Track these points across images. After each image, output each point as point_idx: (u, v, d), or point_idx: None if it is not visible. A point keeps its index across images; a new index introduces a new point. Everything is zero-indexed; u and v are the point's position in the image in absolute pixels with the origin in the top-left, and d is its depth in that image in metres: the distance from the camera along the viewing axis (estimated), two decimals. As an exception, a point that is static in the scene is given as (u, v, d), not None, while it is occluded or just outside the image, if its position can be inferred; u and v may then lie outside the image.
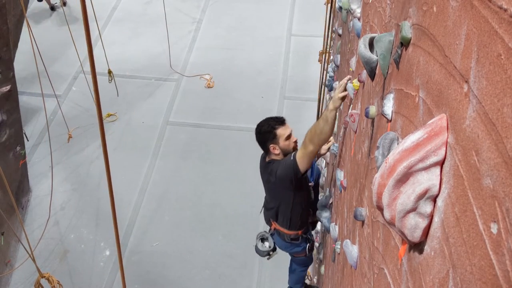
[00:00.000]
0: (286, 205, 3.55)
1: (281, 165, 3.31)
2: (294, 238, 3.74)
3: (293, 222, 3.64)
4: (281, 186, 3.42)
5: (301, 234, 3.73)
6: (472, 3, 0.78)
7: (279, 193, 3.55)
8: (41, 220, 5.90)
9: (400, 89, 1.30)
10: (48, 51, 7.32)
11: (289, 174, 3.22)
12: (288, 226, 3.67)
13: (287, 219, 3.63)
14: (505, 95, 0.64)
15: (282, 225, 3.71)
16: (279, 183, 3.38)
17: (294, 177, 3.22)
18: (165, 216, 6.19)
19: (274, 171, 3.36)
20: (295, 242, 3.77)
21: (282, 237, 3.79)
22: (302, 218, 3.65)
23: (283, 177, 3.30)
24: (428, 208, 0.92)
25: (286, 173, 3.24)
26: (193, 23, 9.14)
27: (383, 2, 1.74)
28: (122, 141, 7.00)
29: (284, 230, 3.71)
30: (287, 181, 3.30)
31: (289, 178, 3.25)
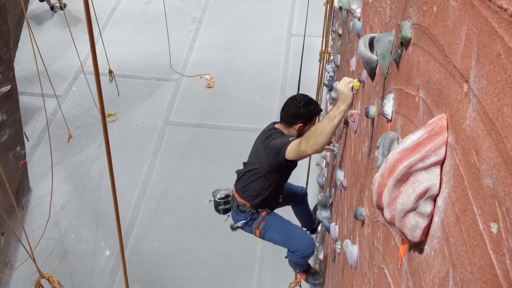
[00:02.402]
0: (255, 173, 3.32)
1: (280, 137, 3.14)
2: (241, 206, 3.50)
3: (248, 192, 3.41)
4: (265, 153, 3.19)
5: (249, 207, 3.47)
6: (472, 3, 0.78)
7: (258, 158, 3.30)
8: (41, 220, 5.90)
9: (400, 89, 1.30)
10: (49, 51, 7.32)
11: (279, 148, 3.02)
12: (241, 193, 3.45)
13: (245, 185, 3.40)
14: (505, 94, 0.64)
15: (236, 190, 3.52)
16: (267, 149, 3.16)
17: (279, 153, 3.02)
18: (165, 216, 6.19)
19: (272, 138, 3.17)
20: (240, 214, 3.53)
21: (232, 202, 3.60)
22: (259, 195, 3.39)
23: (272, 147, 3.10)
24: (428, 208, 0.92)
25: (278, 145, 3.04)
26: (193, 22, 9.14)
27: (383, 2, 1.74)
28: (122, 141, 7.00)
29: (235, 195, 3.51)
30: (272, 153, 3.10)
31: (276, 151, 3.05)
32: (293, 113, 3.15)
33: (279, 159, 3.01)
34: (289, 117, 3.17)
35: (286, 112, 3.19)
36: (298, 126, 3.14)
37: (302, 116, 3.13)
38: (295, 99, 3.17)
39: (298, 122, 3.14)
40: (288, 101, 3.21)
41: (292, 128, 3.17)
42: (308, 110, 3.13)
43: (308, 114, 3.14)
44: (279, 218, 3.55)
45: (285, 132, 3.19)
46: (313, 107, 3.16)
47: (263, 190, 3.34)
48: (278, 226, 3.54)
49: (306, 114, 3.13)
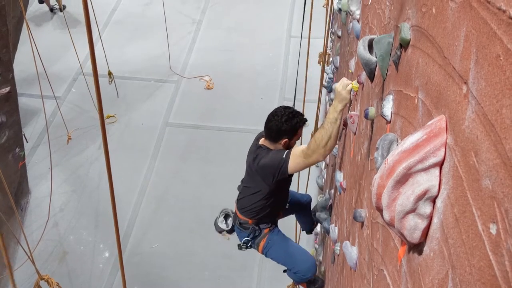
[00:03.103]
0: (256, 195, 3.28)
1: (270, 155, 3.03)
2: (243, 224, 3.46)
3: (249, 210, 3.37)
4: (260, 176, 3.13)
5: (252, 224, 3.43)
6: (471, 5, 0.78)
7: (256, 181, 3.23)
8: (40, 222, 5.89)
9: (399, 90, 1.30)
10: (48, 53, 7.32)
11: (275, 168, 2.96)
12: (243, 211, 3.41)
13: (248, 204, 3.36)
14: (504, 96, 0.65)
15: (238, 208, 3.47)
16: (260, 171, 3.10)
17: (278, 173, 2.96)
18: (165, 217, 6.19)
19: (259, 158, 3.09)
20: (244, 231, 3.50)
21: (234, 220, 3.56)
22: (261, 211, 3.35)
23: (266, 168, 3.04)
24: (428, 209, 0.92)
25: (272, 165, 2.98)
26: (193, 24, 9.14)
27: (382, 4, 1.75)
28: (121, 142, 7.00)
29: (237, 213, 3.48)
30: (269, 174, 3.04)
31: (272, 172, 3.00)
32: (276, 130, 3.04)
33: (279, 177, 2.98)
34: (273, 134, 3.07)
35: (269, 129, 3.08)
36: (283, 142, 3.06)
37: (286, 132, 3.03)
38: (277, 114, 3.06)
39: (283, 138, 3.05)
40: (270, 117, 3.10)
41: (278, 143, 3.08)
42: (291, 125, 3.02)
43: (292, 129, 3.03)
44: (281, 237, 3.51)
45: (271, 147, 3.11)
46: (296, 121, 3.05)
47: (265, 207, 3.31)
48: (281, 246, 3.49)
49: (289, 129, 3.03)
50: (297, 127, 3.05)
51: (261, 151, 3.10)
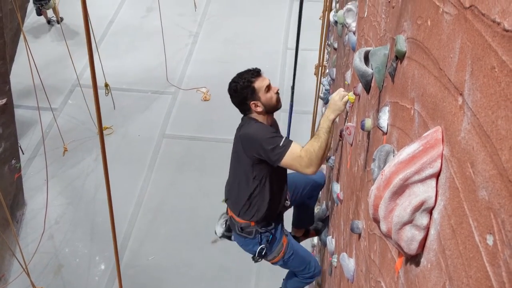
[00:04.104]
0: (244, 180, 2.90)
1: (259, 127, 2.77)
2: (245, 228, 3.02)
3: (244, 207, 2.96)
4: (242, 144, 2.81)
5: (255, 225, 2.99)
6: (466, 17, 0.79)
7: (240, 159, 2.89)
8: (36, 234, 5.86)
9: (395, 102, 1.31)
10: (45, 65, 7.34)
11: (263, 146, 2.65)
12: (238, 212, 3.00)
13: (239, 200, 2.96)
14: (499, 107, 0.65)
15: (232, 208, 3.06)
16: (244, 139, 2.80)
17: (265, 155, 2.66)
18: (161, 229, 6.16)
19: (245, 127, 2.83)
20: (248, 237, 3.04)
21: (233, 227, 3.10)
22: (259, 204, 2.93)
23: (250, 139, 2.74)
24: (424, 220, 0.92)
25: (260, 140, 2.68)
26: (190, 36, 9.18)
27: (378, 16, 1.76)
28: (118, 154, 6.99)
29: (234, 216, 3.04)
30: (252, 146, 2.73)
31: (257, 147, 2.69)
32: (238, 103, 2.85)
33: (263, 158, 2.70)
34: (241, 107, 2.88)
35: (237, 105, 2.90)
36: (254, 105, 2.80)
37: (246, 98, 2.79)
38: (230, 89, 2.88)
39: (249, 104, 2.80)
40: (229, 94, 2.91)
41: (254, 112, 2.84)
42: (243, 89, 2.78)
43: (246, 91, 2.78)
44: (294, 241, 3.27)
45: (253, 116, 2.86)
46: (243, 82, 2.80)
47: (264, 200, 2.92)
48: (299, 251, 3.23)
49: (245, 94, 2.78)
50: (248, 85, 2.78)
51: (249, 121, 2.87)
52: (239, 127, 2.95)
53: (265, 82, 2.84)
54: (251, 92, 2.79)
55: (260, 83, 2.82)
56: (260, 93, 2.80)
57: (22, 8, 5.63)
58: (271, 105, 2.84)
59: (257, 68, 2.91)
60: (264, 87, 2.81)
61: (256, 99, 2.80)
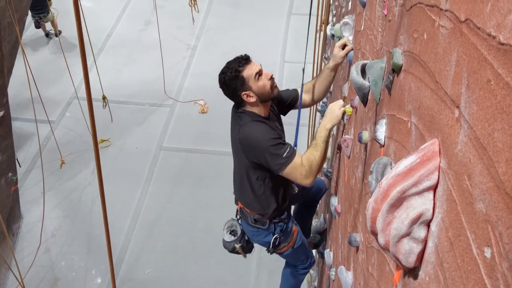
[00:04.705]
0: (247, 177, 2.82)
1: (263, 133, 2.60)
2: (258, 219, 2.95)
3: (254, 202, 2.90)
4: (244, 154, 2.69)
5: (267, 217, 2.95)
6: (462, 31, 0.80)
7: (241, 159, 2.77)
8: (32, 247, 5.81)
9: (392, 114, 1.31)
10: (43, 77, 7.35)
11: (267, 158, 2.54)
12: (248, 206, 2.94)
13: (247, 194, 2.88)
14: (496, 120, 0.65)
15: (243, 202, 2.98)
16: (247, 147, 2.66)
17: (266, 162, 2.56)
18: (158, 242, 6.13)
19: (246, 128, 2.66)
20: (261, 228, 2.97)
21: (246, 219, 3.01)
22: (268, 199, 2.86)
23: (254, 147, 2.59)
24: (422, 233, 0.92)
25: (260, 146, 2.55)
26: (188, 49, 9.22)
27: (374, 29, 1.77)
28: (115, 166, 6.97)
29: (246, 209, 2.97)
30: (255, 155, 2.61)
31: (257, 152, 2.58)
32: (230, 95, 2.70)
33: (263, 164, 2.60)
34: (234, 99, 2.73)
35: (229, 97, 2.75)
36: (246, 96, 2.63)
37: (237, 89, 2.62)
38: (219, 82, 2.72)
39: (241, 96, 2.63)
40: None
41: (247, 103, 2.68)
42: (232, 80, 2.62)
43: (236, 82, 2.61)
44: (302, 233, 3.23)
45: (248, 108, 2.71)
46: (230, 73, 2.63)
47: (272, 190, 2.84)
48: (304, 242, 3.22)
49: (234, 85, 2.62)
50: (236, 75, 2.61)
51: (246, 118, 2.69)
52: (235, 124, 2.76)
53: (254, 68, 2.63)
54: (241, 82, 2.60)
55: (249, 71, 2.62)
56: (250, 81, 2.60)
57: (20, 21, 5.66)
58: (264, 94, 2.64)
59: (245, 55, 2.70)
60: (254, 74, 2.60)
61: (247, 89, 2.61)
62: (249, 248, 3.26)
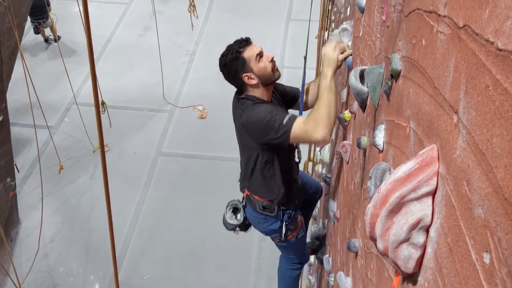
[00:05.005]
0: (255, 163, 2.78)
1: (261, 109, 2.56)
2: (267, 206, 2.93)
3: (263, 189, 2.88)
4: (248, 131, 2.67)
5: (276, 203, 2.92)
6: (460, 37, 0.80)
7: (247, 144, 2.76)
8: (30, 253, 5.80)
9: (391, 120, 1.32)
10: (42, 82, 7.35)
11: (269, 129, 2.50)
12: (257, 193, 2.92)
13: (256, 182, 2.86)
14: (494, 125, 0.65)
15: (251, 189, 2.95)
16: (251, 130, 2.64)
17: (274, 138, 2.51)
18: (156, 248, 6.11)
19: (246, 111, 2.62)
20: (269, 215, 2.94)
21: (253, 206, 2.98)
22: (277, 184, 2.84)
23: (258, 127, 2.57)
24: (421, 239, 0.92)
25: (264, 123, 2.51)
26: (187, 55, 9.24)
27: (373, 35, 1.78)
28: (113, 172, 6.94)
29: (255, 196, 2.95)
30: (258, 132, 2.59)
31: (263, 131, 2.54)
32: (230, 78, 2.67)
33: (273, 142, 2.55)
34: (235, 82, 2.70)
35: (230, 81, 2.72)
36: (247, 78, 2.61)
37: (237, 71, 2.60)
38: (220, 65, 2.70)
39: (241, 78, 2.61)
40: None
41: (248, 86, 2.65)
42: (232, 61, 2.60)
43: (236, 64, 2.59)
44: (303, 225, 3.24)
45: (249, 92, 2.68)
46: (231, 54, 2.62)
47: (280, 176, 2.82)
48: (305, 235, 3.24)
49: (235, 67, 2.60)
50: (237, 56, 2.60)
51: (247, 103, 2.66)
52: (237, 110, 2.73)
53: (255, 50, 2.62)
54: (242, 64, 2.58)
55: (249, 52, 2.61)
56: (251, 63, 2.58)
57: (20, 27, 5.66)
58: (266, 76, 2.62)
59: (246, 37, 2.71)
60: (255, 55, 2.60)
61: (248, 71, 2.59)
62: (246, 229, 3.25)
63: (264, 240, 5.91)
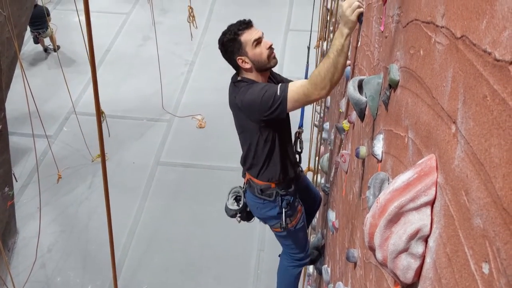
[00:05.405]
0: (255, 143, 2.79)
1: (255, 89, 2.56)
2: (265, 190, 2.92)
3: (263, 169, 2.86)
4: (245, 113, 2.67)
5: (275, 187, 2.91)
6: (458, 47, 0.81)
7: (246, 126, 2.78)
8: (28, 263, 5.76)
9: (389, 130, 1.32)
10: (41, 92, 7.36)
11: (265, 104, 2.50)
12: (257, 174, 2.90)
13: (256, 162, 2.86)
14: (492, 135, 0.66)
15: (250, 172, 2.94)
16: (245, 109, 2.63)
17: (271, 110, 2.50)
18: (155, 258, 6.09)
19: (241, 93, 2.62)
20: (267, 199, 2.94)
21: (252, 190, 2.98)
22: (275, 163, 2.84)
23: (252, 105, 2.57)
24: (420, 249, 0.92)
25: (260, 101, 2.51)
26: (186, 65, 9.26)
27: (371, 46, 1.79)
28: (112, 181, 6.89)
29: (253, 179, 2.94)
30: (256, 111, 2.58)
31: (260, 108, 2.53)
32: (227, 58, 2.67)
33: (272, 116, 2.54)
34: (231, 64, 2.69)
35: (226, 60, 2.71)
36: (241, 61, 2.60)
37: (233, 52, 2.59)
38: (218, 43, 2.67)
39: (235, 58, 2.61)
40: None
41: (242, 69, 2.66)
42: (229, 42, 2.58)
43: (233, 45, 2.57)
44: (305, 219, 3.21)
45: (244, 75, 2.70)
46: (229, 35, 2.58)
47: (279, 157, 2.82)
48: (305, 229, 3.22)
49: (231, 48, 2.59)
50: (234, 38, 2.57)
51: (241, 85, 2.68)
52: (232, 95, 2.75)
53: (254, 34, 2.58)
54: (238, 46, 2.57)
55: (248, 36, 2.57)
56: (247, 47, 2.57)
57: (19, 36, 5.68)
58: (260, 62, 2.60)
59: (248, 19, 2.65)
60: (252, 40, 2.56)
61: (243, 54, 2.58)
62: (248, 218, 3.25)
63: (262, 250, 5.89)
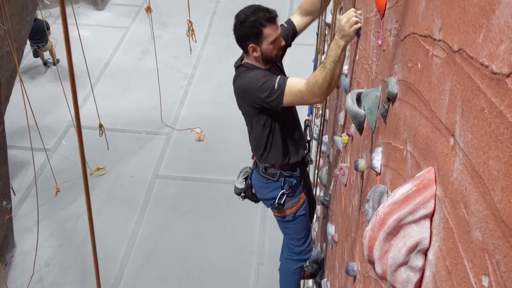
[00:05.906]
0: (254, 127, 2.86)
1: (253, 75, 2.63)
2: (269, 169, 2.97)
3: (265, 153, 2.92)
4: (242, 98, 2.75)
5: (279, 168, 2.95)
6: (455, 60, 0.81)
7: (244, 110, 2.84)
8: (25, 277, 5.72)
9: (388, 142, 1.32)
10: (40, 105, 7.37)
11: (261, 93, 2.56)
12: (260, 156, 2.96)
13: (259, 145, 2.92)
14: (490, 148, 0.66)
15: (258, 156, 3.01)
16: (242, 93, 2.71)
17: (266, 101, 2.56)
18: (153, 271, 6.05)
19: (240, 77, 2.70)
20: (271, 179, 2.98)
21: (258, 169, 3.05)
22: (277, 150, 2.89)
23: (248, 90, 2.64)
24: (419, 262, 0.91)
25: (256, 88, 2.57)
26: (185, 78, 9.29)
27: (369, 59, 1.80)
28: (110, 194, 6.93)
29: (260, 162, 3.02)
30: (251, 98, 2.65)
31: (256, 96, 2.59)
32: (239, 37, 2.67)
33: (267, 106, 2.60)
34: (238, 42, 2.72)
35: (237, 38, 2.72)
36: (252, 49, 2.64)
37: (249, 38, 2.62)
38: (237, 19, 2.65)
39: (248, 43, 2.63)
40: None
41: (250, 54, 2.70)
42: (250, 27, 2.57)
43: (252, 31, 2.59)
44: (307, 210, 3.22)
45: (248, 60, 2.75)
46: (253, 21, 2.56)
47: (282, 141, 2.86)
48: (306, 218, 3.21)
49: (249, 33, 2.60)
50: (258, 26, 2.57)
51: (241, 69, 2.75)
52: (235, 81, 2.82)
53: (275, 33, 2.62)
54: (257, 36, 2.60)
55: (270, 31, 2.60)
56: (264, 40, 2.61)
57: (19, 50, 5.71)
58: (268, 56, 2.69)
59: (275, 12, 2.65)
60: (272, 38, 2.62)
61: (257, 44, 2.63)
62: (254, 198, 3.28)
63: (261, 264, 5.85)
